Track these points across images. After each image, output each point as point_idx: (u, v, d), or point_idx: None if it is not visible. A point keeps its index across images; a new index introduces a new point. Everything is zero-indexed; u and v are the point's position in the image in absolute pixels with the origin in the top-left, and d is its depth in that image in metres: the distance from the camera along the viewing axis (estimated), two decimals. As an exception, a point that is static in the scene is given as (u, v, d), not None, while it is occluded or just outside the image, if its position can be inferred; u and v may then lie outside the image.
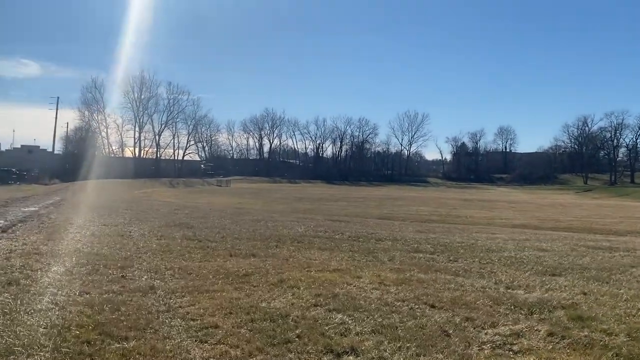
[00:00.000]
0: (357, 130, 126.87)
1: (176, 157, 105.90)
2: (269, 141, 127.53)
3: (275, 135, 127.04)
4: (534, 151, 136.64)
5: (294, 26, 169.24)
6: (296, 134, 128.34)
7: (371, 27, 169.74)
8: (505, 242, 13.22)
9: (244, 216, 19.39)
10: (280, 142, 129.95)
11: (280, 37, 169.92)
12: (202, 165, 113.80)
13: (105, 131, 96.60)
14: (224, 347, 4.48)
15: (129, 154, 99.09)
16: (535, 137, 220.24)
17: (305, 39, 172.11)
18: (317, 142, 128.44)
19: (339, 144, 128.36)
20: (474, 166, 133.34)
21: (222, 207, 29.38)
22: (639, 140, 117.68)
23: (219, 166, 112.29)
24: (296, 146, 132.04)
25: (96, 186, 50.01)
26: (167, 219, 16.32)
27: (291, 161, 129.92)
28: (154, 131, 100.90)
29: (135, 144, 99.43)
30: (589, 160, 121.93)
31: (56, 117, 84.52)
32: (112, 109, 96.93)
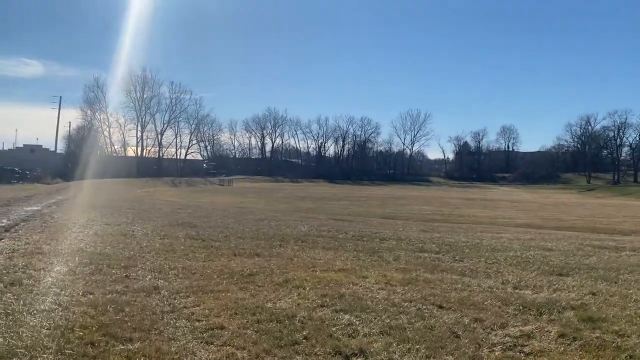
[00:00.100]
0: (360, 129, 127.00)
1: (178, 157, 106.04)
2: (271, 140, 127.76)
3: (277, 134, 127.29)
4: (537, 150, 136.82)
5: (296, 25, 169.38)
6: (298, 133, 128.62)
7: (373, 26, 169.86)
8: (510, 241, 13.13)
9: (246, 215, 19.33)
10: (282, 142, 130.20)
11: (282, 36, 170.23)
12: (205, 164, 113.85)
13: (107, 130, 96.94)
14: (231, 349, 4.41)
15: (131, 153, 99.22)
16: (537, 136, 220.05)
17: (307, 38, 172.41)
18: (320, 141, 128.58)
19: (341, 143, 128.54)
20: (476, 165, 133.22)
21: (225, 206, 29.35)
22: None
23: (221, 165, 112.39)
24: (298, 145, 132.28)
25: (98, 185, 49.99)
26: (170, 218, 16.26)
27: (293, 160, 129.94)
28: (156, 130, 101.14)
29: (137, 143, 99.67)
30: (592, 159, 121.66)
31: (58, 117, 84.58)
32: (115, 108, 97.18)
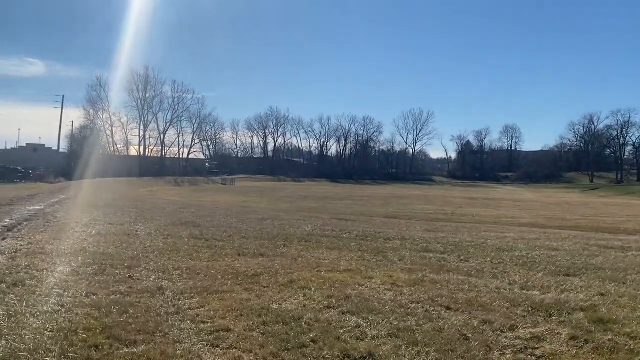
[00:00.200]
0: (362, 128, 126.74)
1: (181, 156, 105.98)
2: (274, 140, 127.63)
3: (279, 133, 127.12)
4: (540, 149, 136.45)
5: (299, 24, 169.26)
6: (300, 132, 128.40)
7: (376, 25, 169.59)
8: (515, 241, 13.05)
9: (249, 215, 19.26)
10: (284, 141, 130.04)
11: (284, 35, 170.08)
12: (207, 163, 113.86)
13: (110, 130, 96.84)
14: (237, 352, 4.33)
15: (133, 152, 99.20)
16: (540, 135, 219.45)
17: (309, 37, 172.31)
18: (322, 140, 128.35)
19: (344, 142, 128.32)
20: (479, 164, 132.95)
21: (228, 205, 29.30)
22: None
23: (224, 165, 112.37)
24: (300, 145, 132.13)
25: (101, 184, 50.00)
26: (173, 218, 16.19)
27: (295, 160, 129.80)
28: (158, 130, 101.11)
29: (140, 142, 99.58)
30: (595, 158, 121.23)
31: (61, 116, 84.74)
32: (117, 108, 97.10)
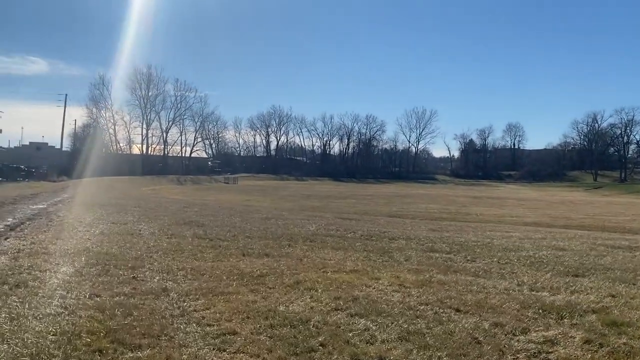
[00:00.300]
0: (365, 127, 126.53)
1: (183, 154, 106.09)
2: (276, 138, 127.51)
3: (282, 132, 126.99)
4: (543, 148, 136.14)
5: (301, 23, 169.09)
6: (303, 131, 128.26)
7: (378, 23, 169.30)
8: (521, 240, 12.93)
9: (253, 214, 19.16)
10: (287, 140, 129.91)
11: (287, 34, 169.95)
12: (210, 162, 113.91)
13: (113, 128, 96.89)
14: (244, 357, 4.22)
15: (136, 151, 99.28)
16: (543, 133, 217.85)
17: (312, 36, 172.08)
18: (324, 139, 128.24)
19: (346, 141, 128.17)
20: (482, 163, 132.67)
21: (231, 204, 29.21)
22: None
23: (226, 163, 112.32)
24: (303, 143, 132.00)
25: (104, 183, 50.00)
26: (177, 217, 16.11)
27: (298, 158, 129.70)
28: (161, 128, 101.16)
29: (142, 141, 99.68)
30: (599, 157, 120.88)
31: (64, 114, 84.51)
32: (120, 106, 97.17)
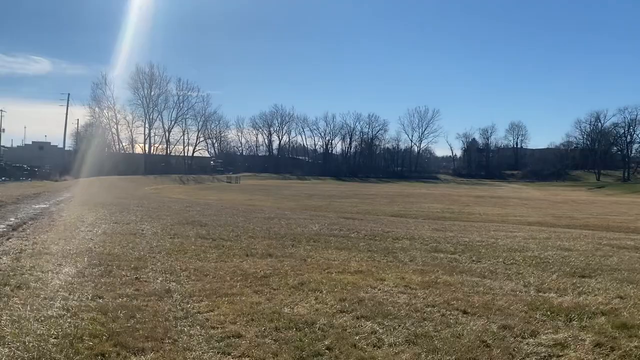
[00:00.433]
0: (367, 126, 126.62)
1: (186, 154, 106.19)
2: (278, 138, 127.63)
3: (284, 131, 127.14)
4: (546, 147, 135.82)
5: (303, 23, 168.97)
6: (305, 130, 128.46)
7: (381, 23, 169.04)
8: (525, 240, 12.84)
9: (256, 214, 19.09)
10: (289, 139, 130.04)
11: (289, 34, 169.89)
12: (212, 161, 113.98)
13: (115, 127, 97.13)
14: (250, 361, 4.15)
15: (139, 150, 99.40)
16: (546, 133, 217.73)
17: (314, 36, 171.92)
18: (327, 138, 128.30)
19: (349, 140, 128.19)
20: (484, 162, 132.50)
21: (233, 204, 29.15)
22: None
23: (229, 163, 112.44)
24: (305, 143, 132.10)
25: (106, 183, 50.02)
26: (180, 217, 16.04)
27: (300, 158, 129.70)
28: (163, 127, 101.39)
29: (145, 140, 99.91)
30: (602, 156, 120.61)
31: (67, 114, 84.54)
32: (122, 106, 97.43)
